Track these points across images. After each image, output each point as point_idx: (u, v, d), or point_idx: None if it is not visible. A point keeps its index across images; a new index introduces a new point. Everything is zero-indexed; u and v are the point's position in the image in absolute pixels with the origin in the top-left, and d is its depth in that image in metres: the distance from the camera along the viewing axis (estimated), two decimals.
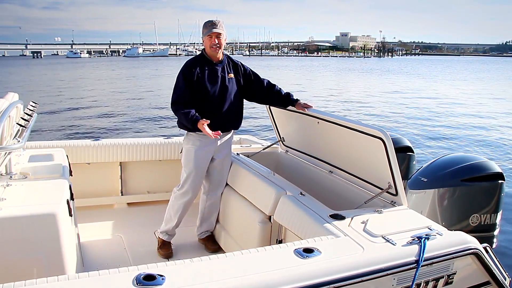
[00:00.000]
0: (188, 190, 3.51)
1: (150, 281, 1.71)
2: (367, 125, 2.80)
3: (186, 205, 3.57)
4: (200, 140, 3.38)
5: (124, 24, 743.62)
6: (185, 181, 3.50)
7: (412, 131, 13.08)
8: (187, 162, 3.47)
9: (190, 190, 3.51)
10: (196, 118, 3.17)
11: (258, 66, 58.92)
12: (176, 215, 3.58)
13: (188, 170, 3.48)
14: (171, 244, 3.64)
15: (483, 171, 3.23)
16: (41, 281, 1.67)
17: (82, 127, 13.40)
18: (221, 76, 3.38)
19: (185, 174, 3.51)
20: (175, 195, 3.60)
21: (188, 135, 3.45)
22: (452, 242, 2.29)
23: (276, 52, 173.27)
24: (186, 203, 3.56)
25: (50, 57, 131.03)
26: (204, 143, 3.39)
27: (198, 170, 3.47)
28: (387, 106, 19.37)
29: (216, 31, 3.29)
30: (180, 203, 3.56)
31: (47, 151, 3.59)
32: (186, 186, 3.51)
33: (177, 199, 3.58)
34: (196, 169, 3.45)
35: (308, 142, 3.76)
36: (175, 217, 3.58)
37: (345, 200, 3.12)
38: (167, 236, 3.62)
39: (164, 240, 3.62)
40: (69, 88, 27.43)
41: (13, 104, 2.83)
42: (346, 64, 78.90)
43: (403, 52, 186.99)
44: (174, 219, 3.59)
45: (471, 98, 23.76)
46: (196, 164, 3.43)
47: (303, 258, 2.00)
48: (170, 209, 3.63)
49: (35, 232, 2.24)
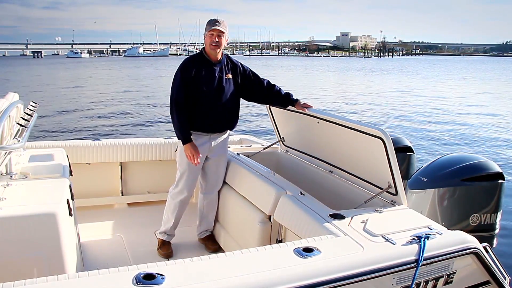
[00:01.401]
0: (182, 189, 3.53)
1: (150, 280, 1.72)
2: (367, 125, 2.80)
3: (182, 204, 3.59)
4: (194, 139, 3.38)
5: (125, 24, 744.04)
6: (179, 180, 3.53)
7: (412, 131, 13.08)
8: (181, 160, 3.49)
9: (184, 188, 3.52)
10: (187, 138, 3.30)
11: (259, 65, 58.93)
12: (173, 215, 3.59)
13: (182, 169, 3.50)
14: (170, 244, 3.64)
15: (483, 170, 3.23)
16: (41, 281, 1.67)
17: (83, 127, 13.41)
18: (218, 76, 3.37)
19: (179, 173, 3.54)
20: (170, 195, 3.62)
21: None
22: (452, 241, 2.29)
23: (276, 52, 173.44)
24: (182, 202, 3.58)
25: (51, 57, 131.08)
26: (198, 142, 3.39)
27: (191, 169, 3.47)
28: (387, 106, 19.37)
29: (219, 28, 3.28)
30: (176, 202, 3.57)
31: (47, 151, 3.59)
32: (180, 185, 3.53)
33: (172, 198, 3.60)
34: (189, 168, 3.46)
35: (308, 142, 3.76)
36: (172, 216, 3.60)
37: (345, 200, 3.12)
38: (166, 236, 3.63)
39: (164, 240, 3.63)
40: (70, 88, 27.44)
41: (13, 104, 2.84)
42: (346, 64, 78.88)
43: (403, 52, 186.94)
44: (172, 218, 3.60)
45: (472, 97, 23.77)
46: (190, 164, 3.43)
47: (303, 257, 2.00)
48: (167, 209, 3.65)
49: (35, 232, 2.24)
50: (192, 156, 3.30)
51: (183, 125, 3.30)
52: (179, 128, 3.31)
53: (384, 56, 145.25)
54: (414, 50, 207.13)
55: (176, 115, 3.29)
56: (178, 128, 3.32)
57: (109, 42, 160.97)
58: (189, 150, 3.31)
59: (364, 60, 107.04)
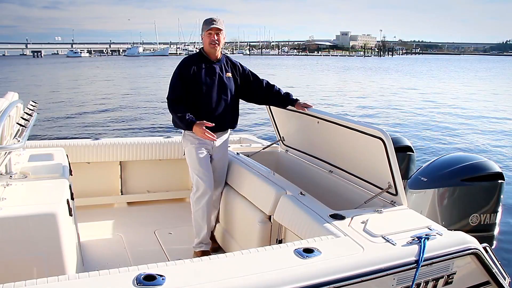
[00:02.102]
0: (205, 190, 3.36)
1: (150, 281, 1.72)
2: (367, 125, 2.80)
3: (208, 205, 3.41)
4: (197, 139, 3.33)
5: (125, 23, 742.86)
6: (198, 182, 3.38)
7: (412, 131, 13.08)
8: (193, 162, 3.38)
9: (207, 189, 3.36)
10: (191, 120, 3.17)
11: (259, 65, 58.90)
12: (204, 221, 3.40)
13: (196, 171, 3.37)
14: (210, 252, 3.43)
15: (483, 170, 3.23)
16: (41, 281, 1.67)
17: (82, 127, 13.41)
18: (218, 74, 3.35)
19: (195, 175, 3.39)
20: (194, 202, 3.43)
21: (186, 135, 3.39)
22: (451, 242, 2.29)
23: (276, 52, 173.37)
24: (207, 203, 3.39)
25: (51, 56, 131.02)
26: (202, 142, 3.34)
27: (205, 167, 3.37)
28: (387, 106, 19.36)
29: (216, 26, 3.26)
30: (203, 205, 3.38)
31: (47, 150, 3.58)
32: (201, 187, 3.37)
33: (197, 203, 3.41)
34: (203, 167, 3.36)
35: (308, 142, 3.76)
36: (204, 223, 3.41)
37: (345, 200, 3.12)
38: (204, 246, 3.46)
39: (203, 251, 3.43)
40: (69, 88, 27.43)
41: (13, 103, 2.83)
42: (346, 63, 78.88)
43: (403, 51, 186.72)
44: (204, 225, 3.41)
45: (472, 97, 23.75)
46: (201, 162, 3.35)
47: (303, 258, 2.00)
48: (195, 218, 3.44)
49: (35, 232, 2.24)
50: (204, 133, 3.14)
51: (182, 116, 3.20)
52: (180, 119, 3.22)
53: (384, 55, 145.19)
54: (414, 49, 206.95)
55: (174, 110, 3.24)
56: (180, 120, 3.23)
57: (109, 41, 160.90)
58: (199, 131, 3.15)
59: (364, 59, 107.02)
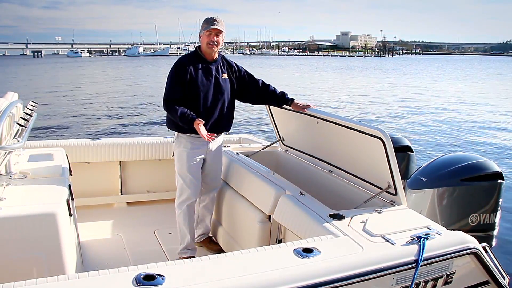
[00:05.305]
0: (188, 197, 3.35)
1: (150, 281, 1.72)
2: (366, 124, 2.80)
3: (190, 210, 3.39)
4: (191, 142, 3.27)
5: (125, 23, 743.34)
6: (182, 187, 3.35)
7: (412, 131, 13.08)
8: (181, 167, 3.33)
9: (190, 195, 3.35)
10: (192, 117, 3.08)
11: (259, 65, 58.88)
12: (186, 226, 3.37)
13: (183, 176, 3.33)
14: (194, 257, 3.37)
15: (483, 170, 3.23)
16: (41, 281, 1.67)
17: (82, 127, 13.41)
18: (215, 76, 3.29)
19: (180, 180, 3.35)
20: (177, 206, 3.41)
21: (179, 137, 3.31)
22: (451, 241, 2.30)
23: (276, 52, 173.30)
24: (189, 209, 3.38)
25: (51, 56, 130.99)
26: (196, 145, 3.28)
27: (194, 175, 3.33)
28: (386, 106, 19.36)
29: (217, 27, 3.19)
30: (184, 210, 3.37)
31: (46, 150, 3.58)
32: (185, 192, 3.35)
33: (179, 208, 3.39)
34: (191, 174, 3.32)
35: (308, 142, 3.76)
36: (186, 228, 3.38)
37: (345, 200, 3.12)
38: (189, 252, 3.42)
39: (188, 257, 3.37)
40: (69, 88, 27.42)
41: (13, 103, 2.83)
42: (346, 63, 78.86)
43: (403, 51, 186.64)
44: (186, 230, 3.38)
45: (471, 97, 23.75)
46: (190, 169, 3.30)
47: (303, 258, 2.01)
48: (179, 223, 3.41)
49: (35, 232, 2.24)
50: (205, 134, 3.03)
51: (182, 115, 3.09)
52: (179, 119, 3.11)
53: (384, 56, 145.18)
54: (414, 50, 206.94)
55: (172, 110, 3.15)
56: (179, 120, 3.12)
57: (109, 41, 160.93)
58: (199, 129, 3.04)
59: (364, 60, 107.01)
